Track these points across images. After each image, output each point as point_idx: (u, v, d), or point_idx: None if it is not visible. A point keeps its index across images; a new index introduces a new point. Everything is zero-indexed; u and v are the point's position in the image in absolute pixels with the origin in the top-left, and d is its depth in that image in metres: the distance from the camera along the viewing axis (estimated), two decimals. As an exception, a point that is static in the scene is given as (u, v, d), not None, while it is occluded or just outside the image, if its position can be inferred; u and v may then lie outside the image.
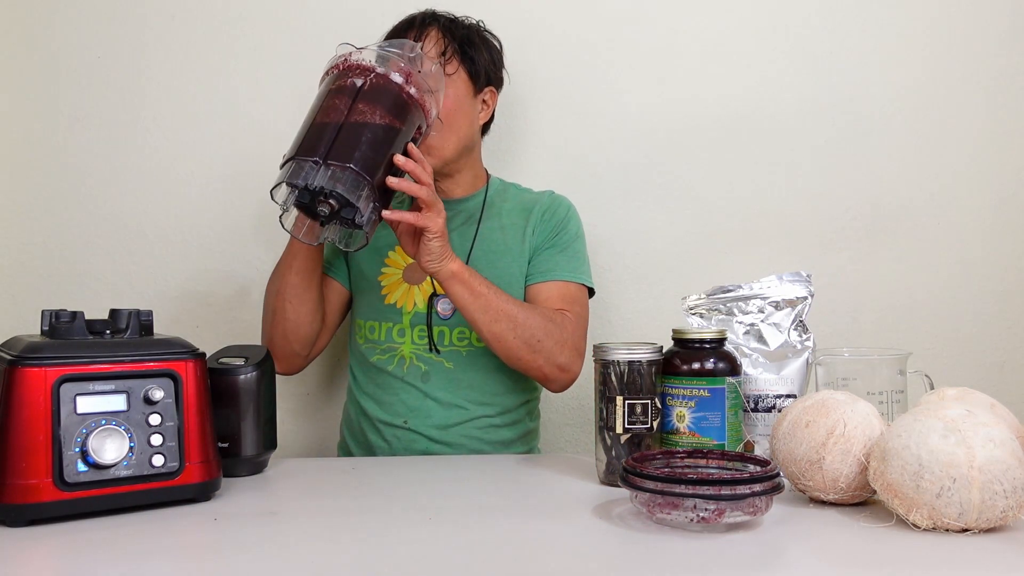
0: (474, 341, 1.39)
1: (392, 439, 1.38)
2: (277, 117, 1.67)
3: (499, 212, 1.45)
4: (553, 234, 1.43)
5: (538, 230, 1.43)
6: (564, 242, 1.43)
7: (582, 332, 1.39)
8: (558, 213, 1.45)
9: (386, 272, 1.43)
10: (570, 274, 1.41)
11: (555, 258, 1.41)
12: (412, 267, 1.41)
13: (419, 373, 1.39)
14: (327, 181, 1.07)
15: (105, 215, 1.66)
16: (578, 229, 1.46)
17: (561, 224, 1.44)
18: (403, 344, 1.39)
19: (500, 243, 1.42)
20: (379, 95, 1.13)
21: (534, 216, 1.44)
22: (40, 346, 0.93)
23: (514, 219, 1.44)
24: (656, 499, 0.88)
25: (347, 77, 1.15)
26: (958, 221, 1.71)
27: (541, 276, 1.40)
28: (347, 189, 1.07)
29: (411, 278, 1.41)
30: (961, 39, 1.70)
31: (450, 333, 1.39)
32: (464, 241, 1.42)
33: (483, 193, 1.47)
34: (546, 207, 1.45)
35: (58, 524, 0.91)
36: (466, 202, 1.46)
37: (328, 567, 0.81)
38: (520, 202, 1.47)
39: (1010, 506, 0.84)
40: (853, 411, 0.96)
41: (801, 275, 1.24)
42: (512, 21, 1.66)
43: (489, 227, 1.43)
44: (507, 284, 1.38)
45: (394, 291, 1.41)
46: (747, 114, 1.69)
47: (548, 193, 1.49)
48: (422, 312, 1.39)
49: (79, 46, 1.66)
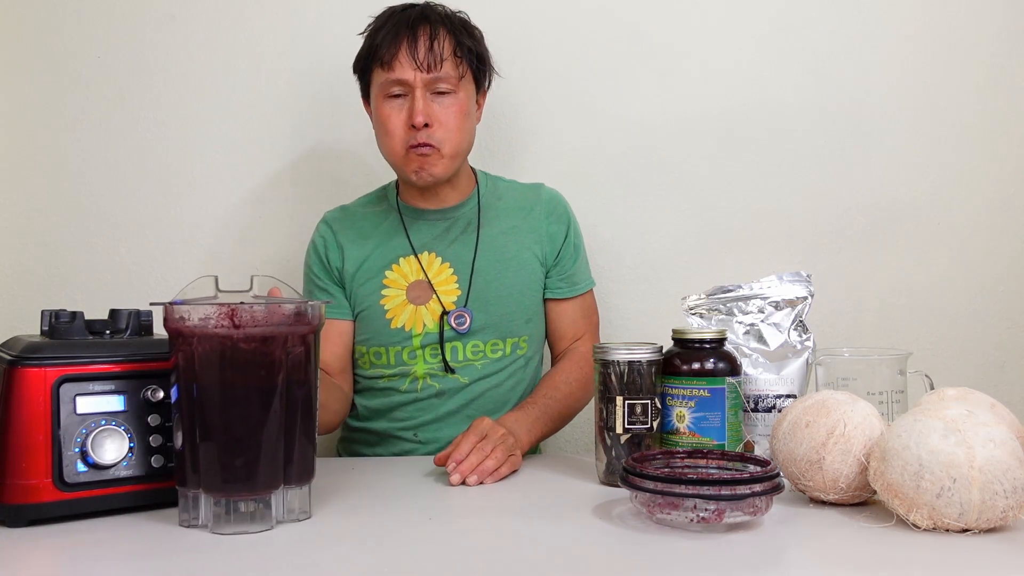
0: (488, 353, 1.37)
1: (400, 453, 1.38)
2: (277, 117, 1.67)
3: (497, 215, 1.42)
4: (566, 244, 1.42)
5: (551, 239, 1.41)
6: (574, 246, 1.44)
7: (595, 338, 1.45)
8: (561, 213, 1.44)
9: (387, 295, 1.37)
10: (585, 283, 1.45)
11: (572, 269, 1.43)
12: (415, 286, 1.37)
13: (433, 391, 1.36)
14: None
15: (105, 215, 1.66)
16: (577, 226, 1.47)
17: (568, 226, 1.43)
18: (415, 365, 1.36)
19: (505, 250, 1.39)
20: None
21: (536, 217, 1.42)
22: (40, 346, 0.93)
23: (514, 221, 1.41)
24: (656, 499, 0.88)
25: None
26: (958, 221, 1.70)
27: (563, 292, 1.42)
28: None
29: (416, 298, 1.36)
30: (961, 39, 1.69)
31: (463, 348, 1.36)
32: (466, 250, 1.38)
33: (476, 195, 1.43)
34: (548, 208, 1.43)
35: (58, 524, 0.91)
36: (462, 207, 1.41)
37: (328, 566, 0.81)
38: (514, 200, 1.44)
39: (1010, 506, 0.84)
40: (853, 411, 0.96)
41: (801, 275, 1.24)
42: (512, 21, 1.66)
43: (490, 233, 1.40)
44: (519, 295, 1.37)
45: (399, 314, 1.36)
46: (747, 114, 1.69)
47: (540, 189, 1.46)
48: (433, 332, 1.35)
49: (79, 46, 1.66)
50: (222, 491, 0.88)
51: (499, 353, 1.38)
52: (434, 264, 1.38)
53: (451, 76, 1.30)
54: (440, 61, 1.28)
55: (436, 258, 1.38)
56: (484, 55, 1.36)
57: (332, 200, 1.62)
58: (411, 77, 1.28)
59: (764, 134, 1.69)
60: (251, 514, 0.90)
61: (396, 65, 1.28)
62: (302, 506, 0.94)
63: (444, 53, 1.29)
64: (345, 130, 1.66)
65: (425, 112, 1.27)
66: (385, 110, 1.30)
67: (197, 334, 0.87)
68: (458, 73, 1.31)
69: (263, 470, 0.89)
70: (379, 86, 1.31)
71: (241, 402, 0.88)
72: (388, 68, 1.28)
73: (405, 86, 1.29)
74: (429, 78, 1.28)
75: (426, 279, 1.36)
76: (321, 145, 1.68)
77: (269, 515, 0.90)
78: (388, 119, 1.30)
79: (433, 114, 1.28)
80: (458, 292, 1.36)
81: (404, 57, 1.27)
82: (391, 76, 1.28)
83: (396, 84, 1.29)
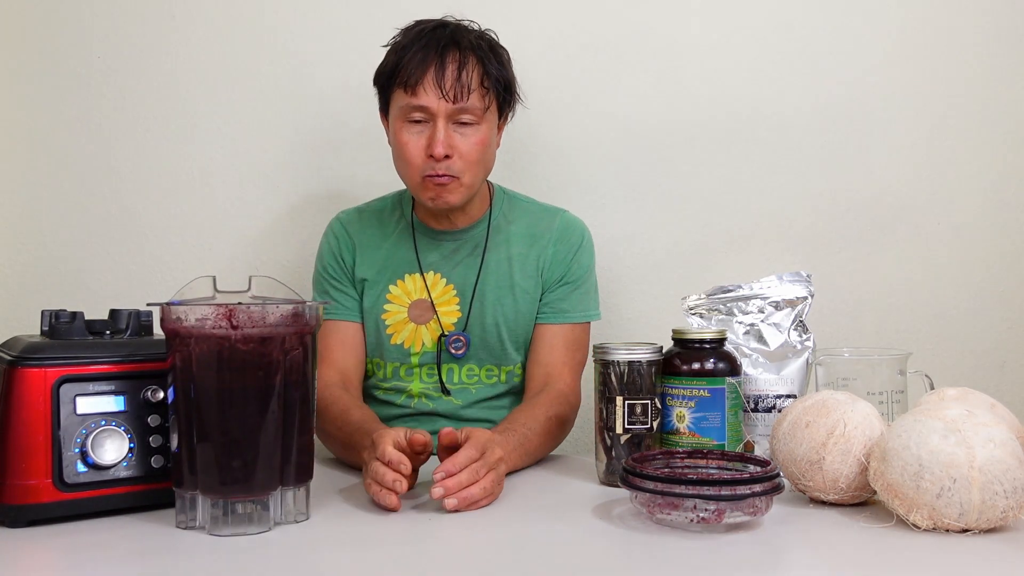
0: (483, 378, 1.36)
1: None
2: (277, 117, 1.66)
3: (506, 239, 1.37)
4: (566, 269, 1.36)
5: (551, 264, 1.36)
6: (576, 278, 1.37)
7: (577, 378, 1.36)
8: (571, 244, 1.37)
9: (389, 310, 1.35)
10: (580, 314, 1.36)
11: (568, 297, 1.36)
12: (416, 305, 1.34)
13: (427, 409, 1.35)
14: None
15: (105, 215, 1.66)
16: (590, 261, 1.39)
17: (574, 258, 1.37)
18: (411, 383, 1.36)
19: (507, 277, 1.35)
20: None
21: (544, 245, 1.36)
22: (40, 346, 0.93)
23: (521, 247, 1.36)
24: (656, 499, 0.88)
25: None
26: (958, 221, 1.70)
27: (551, 317, 1.35)
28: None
29: (418, 317, 1.34)
30: (961, 39, 1.69)
31: (459, 371, 1.35)
32: (469, 273, 1.35)
33: (487, 217, 1.38)
34: (557, 237, 1.37)
35: (58, 524, 0.91)
36: (472, 229, 1.37)
37: (326, 568, 0.81)
38: (527, 225, 1.38)
39: (1010, 506, 0.84)
40: (853, 411, 0.96)
41: (801, 275, 1.24)
42: (512, 22, 1.65)
43: (496, 258, 1.36)
44: (515, 324, 1.35)
45: (400, 331, 1.34)
46: (747, 114, 1.69)
47: (560, 216, 1.40)
48: (431, 352, 1.34)
49: (79, 46, 1.66)
50: (219, 492, 0.88)
51: (494, 379, 1.37)
52: (439, 284, 1.36)
53: (476, 108, 1.24)
54: (467, 92, 1.23)
55: (441, 279, 1.36)
56: (511, 84, 1.31)
57: (332, 200, 1.62)
58: (435, 105, 1.22)
59: (764, 134, 1.69)
60: (249, 515, 0.90)
61: (420, 92, 1.22)
62: (300, 507, 0.94)
63: (472, 84, 1.23)
64: (346, 130, 1.66)
65: (446, 144, 1.23)
66: (404, 136, 1.26)
67: (194, 335, 0.87)
68: (483, 104, 1.25)
69: (261, 471, 0.89)
70: (400, 108, 1.26)
71: (239, 403, 0.88)
72: (412, 93, 1.23)
73: (427, 112, 1.24)
74: (454, 109, 1.23)
75: (429, 299, 1.35)
76: (321, 145, 1.68)
77: (267, 516, 0.90)
78: (406, 145, 1.25)
79: (454, 145, 1.24)
80: (459, 314, 1.35)
81: (430, 84, 1.22)
82: (414, 101, 1.23)
83: (418, 110, 1.24)
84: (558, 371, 1.33)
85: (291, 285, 1.00)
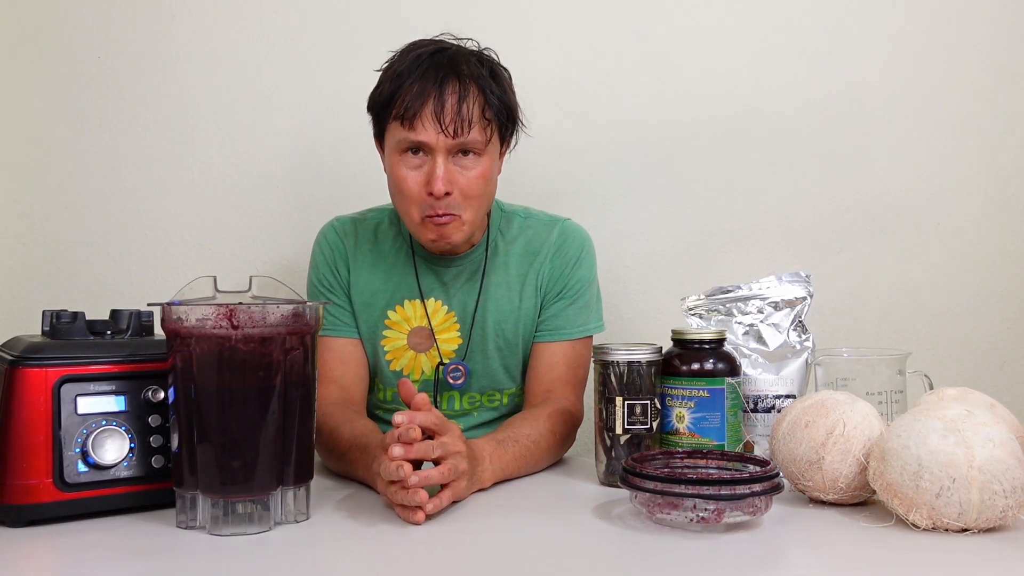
0: (485, 402, 1.34)
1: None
2: (277, 117, 1.67)
3: (505, 261, 1.32)
4: (564, 284, 1.32)
5: (548, 279, 1.32)
6: (575, 290, 1.32)
7: (580, 395, 1.32)
8: (568, 257, 1.32)
9: (388, 336, 1.31)
10: (579, 329, 1.32)
11: (565, 312, 1.31)
12: (416, 332, 1.31)
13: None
14: None
15: (105, 215, 1.66)
16: (590, 273, 1.34)
17: (572, 271, 1.32)
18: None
19: (506, 302, 1.31)
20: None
21: (541, 261, 1.32)
22: (41, 346, 0.93)
23: (521, 268, 1.32)
24: (656, 499, 0.88)
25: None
26: (958, 221, 1.70)
27: (550, 335, 1.31)
28: None
29: (417, 345, 1.31)
30: (961, 39, 1.69)
31: (460, 399, 1.33)
32: (469, 299, 1.31)
33: (485, 240, 1.32)
34: (555, 251, 1.32)
35: (58, 524, 0.91)
36: (471, 254, 1.32)
37: (326, 568, 0.81)
38: (525, 242, 1.33)
39: (1009, 506, 0.84)
40: (853, 411, 0.96)
41: (800, 275, 1.24)
42: (511, 22, 1.66)
43: (495, 282, 1.31)
44: (515, 347, 1.32)
45: (399, 358, 1.31)
46: (747, 114, 1.69)
47: (559, 226, 1.34)
48: (430, 379, 1.31)
49: (79, 46, 1.66)
50: (220, 492, 0.88)
51: (496, 403, 1.35)
52: (439, 312, 1.32)
53: (478, 142, 1.18)
54: (468, 127, 1.16)
55: (442, 306, 1.32)
56: (514, 111, 1.24)
57: (332, 200, 1.62)
58: (433, 141, 1.16)
59: (764, 134, 1.69)
60: (249, 515, 0.90)
61: (419, 126, 1.16)
62: (300, 507, 0.94)
63: (472, 117, 1.17)
64: (346, 130, 1.66)
65: (446, 180, 1.17)
66: (402, 170, 1.19)
67: (195, 335, 0.87)
68: (485, 137, 1.19)
69: (261, 471, 0.89)
70: (397, 142, 1.19)
71: (239, 403, 0.88)
72: (409, 127, 1.16)
73: (425, 147, 1.18)
74: (453, 143, 1.17)
75: (428, 327, 1.31)
76: (321, 145, 1.68)
77: (267, 516, 0.90)
78: (404, 180, 1.19)
79: (454, 180, 1.18)
80: (459, 340, 1.32)
81: (428, 119, 1.15)
82: (411, 136, 1.17)
83: (416, 145, 1.18)
84: (560, 390, 1.29)
85: (291, 285, 1.00)
